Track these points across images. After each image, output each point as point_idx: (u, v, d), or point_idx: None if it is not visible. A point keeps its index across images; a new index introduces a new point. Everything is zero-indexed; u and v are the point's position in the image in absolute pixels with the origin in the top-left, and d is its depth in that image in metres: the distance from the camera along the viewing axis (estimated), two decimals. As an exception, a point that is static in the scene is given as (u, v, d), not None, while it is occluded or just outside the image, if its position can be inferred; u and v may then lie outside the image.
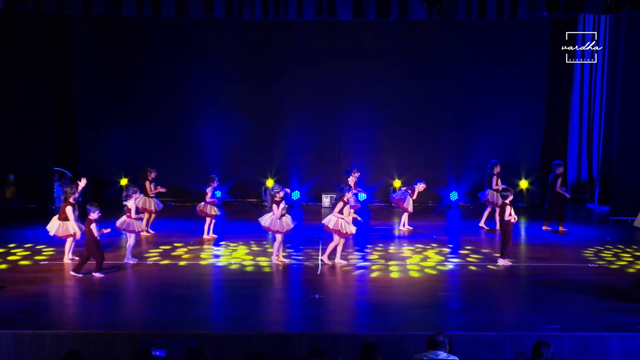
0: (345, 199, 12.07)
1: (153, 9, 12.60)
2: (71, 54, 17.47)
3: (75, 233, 11.97)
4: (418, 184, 14.60)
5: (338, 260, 12.21)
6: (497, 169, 14.56)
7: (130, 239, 12.25)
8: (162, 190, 14.05)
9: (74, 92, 17.60)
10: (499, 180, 14.52)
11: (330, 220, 12.06)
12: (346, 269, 12.03)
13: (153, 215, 14.17)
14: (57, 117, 17.05)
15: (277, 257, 12.28)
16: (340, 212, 12.02)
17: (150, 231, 14.09)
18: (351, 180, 14.13)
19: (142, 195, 13.74)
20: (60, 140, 17.21)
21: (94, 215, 11.36)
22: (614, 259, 12.66)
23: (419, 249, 13.22)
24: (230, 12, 12.65)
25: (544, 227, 14.68)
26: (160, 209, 14.17)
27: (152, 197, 13.98)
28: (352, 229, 12.10)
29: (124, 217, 12.17)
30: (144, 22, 16.58)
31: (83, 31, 17.35)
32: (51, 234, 12.11)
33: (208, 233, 13.88)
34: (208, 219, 13.82)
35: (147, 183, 13.95)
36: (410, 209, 14.49)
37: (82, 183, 12.54)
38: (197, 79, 17.44)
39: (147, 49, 17.41)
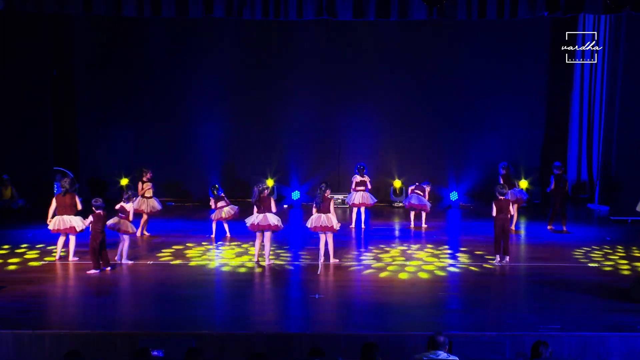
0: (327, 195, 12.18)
1: (153, 9, 12.61)
2: (71, 54, 17.48)
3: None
4: (425, 186, 14.70)
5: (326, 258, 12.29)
6: (503, 171, 14.58)
7: (126, 241, 12.24)
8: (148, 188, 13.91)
9: (74, 92, 17.60)
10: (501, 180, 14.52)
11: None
12: (346, 268, 12.05)
13: (146, 217, 13.92)
14: (57, 117, 17.05)
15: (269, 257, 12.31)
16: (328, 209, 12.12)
17: (146, 233, 14.00)
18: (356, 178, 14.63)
19: (137, 196, 13.73)
20: (60, 140, 17.22)
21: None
22: (614, 258, 12.68)
23: (419, 249, 13.23)
24: (230, 12, 12.65)
25: (548, 227, 14.67)
26: (159, 209, 14.01)
27: (150, 197, 13.84)
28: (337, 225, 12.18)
29: (116, 219, 12.13)
30: (144, 22, 16.59)
31: (83, 31, 17.36)
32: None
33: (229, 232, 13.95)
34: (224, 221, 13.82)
35: (140, 184, 13.84)
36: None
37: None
38: (197, 79, 17.46)
39: (147, 49, 17.42)
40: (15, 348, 9.04)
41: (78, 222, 12.04)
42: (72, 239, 12.26)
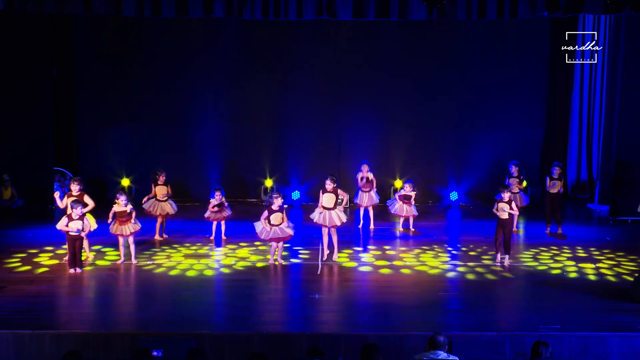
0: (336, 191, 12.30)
1: (153, 9, 12.59)
2: (71, 54, 17.45)
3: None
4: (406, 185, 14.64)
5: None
6: (513, 169, 14.52)
7: (131, 241, 12.27)
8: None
9: (74, 92, 17.59)
10: (509, 179, 14.47)
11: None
12: (345, 267, 12.05)
13: (164, 219, 13.91)
14: (57, 117, 17.04)
15: (274, 258, 12.33)
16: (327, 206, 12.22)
17: (164, 235, 13.96)
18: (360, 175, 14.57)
19: (152, 198, 13.71)
20: (60, 140, 17.20)
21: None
22: (613, 257, 12.68)
23: (419, 249, 13.23)
24: (230, 12, 12.64)
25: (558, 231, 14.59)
26: (174, 212, 13.94)
27: (165, 200, 13.82)
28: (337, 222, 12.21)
29: (116, 224, 12.18)
30: (144, 22, 16.58)
31: (83, 31, 17.34)
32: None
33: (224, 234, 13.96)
34: (222, 221, 13.81)
35: (153, 186, 13.80)
36: (402, 212, 14.54)
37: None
38: (197, 79, 17.43)
39: (147, 49, 17.40)
40: (15, 348, 9.05)
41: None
42: (85, 239, 12.22)
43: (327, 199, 12.21)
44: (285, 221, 12.14)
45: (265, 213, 12.11)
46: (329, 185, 12.24)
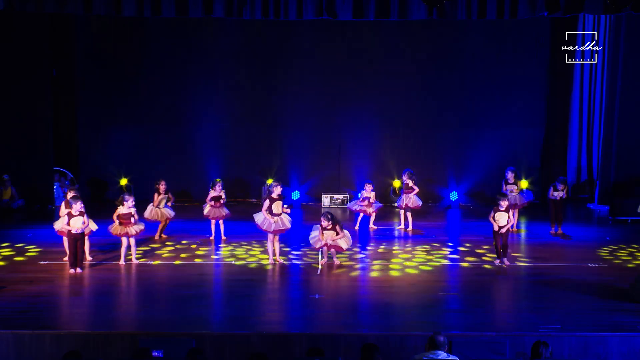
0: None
1: (153, 9, 12.60)
2: (71, 54, 17.46)
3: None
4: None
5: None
6: (509, 176, 14.48)
7: (132, 242, 12.27)
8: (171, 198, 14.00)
9: (74, 92, 17.59)
10: (506, 185, 14.45)
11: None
12: (345, 267, 12.05)
13: (166, 222, 13.98)
14: (57, 117, 17.04)
15: (273, 257, 12.28)
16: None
17: (163, 236, 14.00)
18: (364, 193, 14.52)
19: (151, 206, 13.73)
20: (60, 140, 17.20)
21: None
22: (612, 257, 12.68)
23: (418, 249, 13.23)
24: (230, 12, 12.65)
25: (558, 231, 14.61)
26: (172, 216, 13.96)
27: (162, 207, 13.86)
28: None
29: (116, 224, 12.17)
30: (144, 22, 16.58)
31: (83, 31, 17.35)
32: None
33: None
34: (221, 220, 13.81)
35: (156, 195, 13.82)
36: (403, 203, 14.53)
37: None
38: (197, 79, 17.45)
39: (147, 49, 17.41)
40: (15, 348, 9.04)
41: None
42: (86, 240, 12.21)
43: (327, 235, 12.02)
44: (287, 210, 12.18)
45: (267, 202, 12.08)
46: (325, 222, 11.90)
